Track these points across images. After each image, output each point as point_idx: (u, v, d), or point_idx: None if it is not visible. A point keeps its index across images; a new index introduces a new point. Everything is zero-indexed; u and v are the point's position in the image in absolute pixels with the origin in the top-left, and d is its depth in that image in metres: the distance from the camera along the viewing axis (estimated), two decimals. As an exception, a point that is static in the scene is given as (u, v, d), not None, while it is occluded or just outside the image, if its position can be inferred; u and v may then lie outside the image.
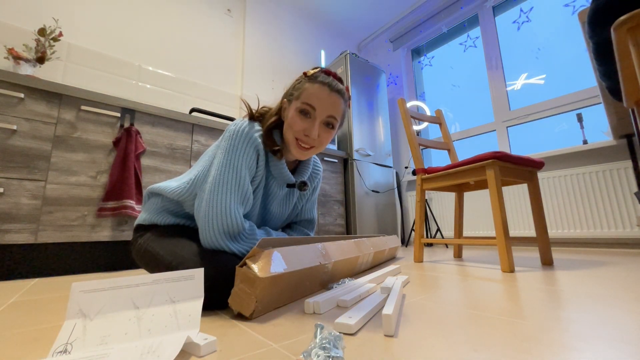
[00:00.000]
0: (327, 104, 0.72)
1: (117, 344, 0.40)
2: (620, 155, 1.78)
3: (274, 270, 0.59)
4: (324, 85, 0.72)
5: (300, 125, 0.72)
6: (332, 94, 0.72)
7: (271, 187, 0.81)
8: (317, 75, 0.74)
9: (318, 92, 0.72)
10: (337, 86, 0.74)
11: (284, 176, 0.79)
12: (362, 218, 2.45)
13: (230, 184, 0.67)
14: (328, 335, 0.38)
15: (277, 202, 0.84)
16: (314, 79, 0.73)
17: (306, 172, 0.86)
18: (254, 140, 0.72)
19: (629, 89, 0.68)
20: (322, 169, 0.97)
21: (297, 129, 0.72)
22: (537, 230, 1.27)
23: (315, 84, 0.72)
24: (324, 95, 0.72)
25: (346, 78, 2.67)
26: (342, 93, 0.75)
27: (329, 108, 0.73)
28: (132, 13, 2.13)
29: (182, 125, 1.68)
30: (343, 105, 0.76)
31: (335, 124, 0.76)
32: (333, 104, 0.73)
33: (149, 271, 0.78)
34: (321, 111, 0.72)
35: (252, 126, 0.74)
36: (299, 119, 0.72)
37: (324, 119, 0.73)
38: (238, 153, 0.70)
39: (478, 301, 0.66)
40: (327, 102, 0.72)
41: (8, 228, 1.18)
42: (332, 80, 0.73)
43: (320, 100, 0.72)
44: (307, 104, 0.72)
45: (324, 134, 0.75)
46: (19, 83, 1.26)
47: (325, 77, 0.74)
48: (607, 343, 0.41)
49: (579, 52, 2.10)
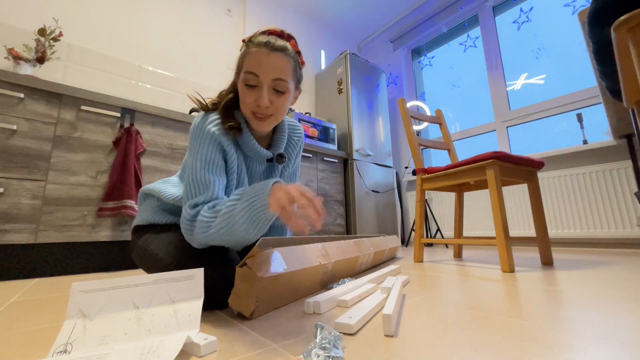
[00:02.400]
0: (268, 67, 0.64)
1: (117, 344, 0.40)
2: (620, 155, 1.78)
3: (274, 270, 0.59)
4: (261, 47, 0.64)
5: (250, 97, 0.66)
6: (271, 54, 0.64)
7: (252, 167, 0.78)
8: (254, 39, 0.66)
9: (257, 57, 0.65)
10: (277, 43, 0.65)
11: (258, 152, 0.75)
12: (362, 218, 2.45)
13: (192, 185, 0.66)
14: (328, 335, 0.38)
15: (261, 179, 0.81)
16: (251, 44, 0.66)
17: (282, 142, 0.81)
18: (208, 132, 0.67)
19: (629, 89, 0.68)
20: (303, 132, 0.88)
21: (247, 102, 0.67)
22: (537, 230, 1.27)
23: (253, 47, 0.65)
24: (262, 58, 0.64)
25: (346, 78, 2.67)
26: (284, 49, 0.66)
27: (272, 71, 0.65)
28: (132, 13, 2.13)
29: (182, 125, 1.68)
30: (290, 63, 0.67)
31: (284, 86, 0.67)
32: (276, 65, 0.65)
33: (149, 272, 0.77)
34: (265, 77, 0.65)
35: (205, 119, 0.70)
36: (246, 91, 0.67)
37: (270, 84, 0.66)
38: (195, 151, 0.67)
39: (478, 301, 0.66)
40: (267, 65, 0.64)
41: (8, 228, 1.18)
42: (270, 38, 0.65)
43: (260, 65, 0.64)
44: (249, 72, 0.65)
45: (277, 100, 0.68)
46: (19, 83, 1.26)
47: (263, 37, 0.66)
48: (607, 343, 0.41)
49: (579, 52, 2.10)
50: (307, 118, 2.43)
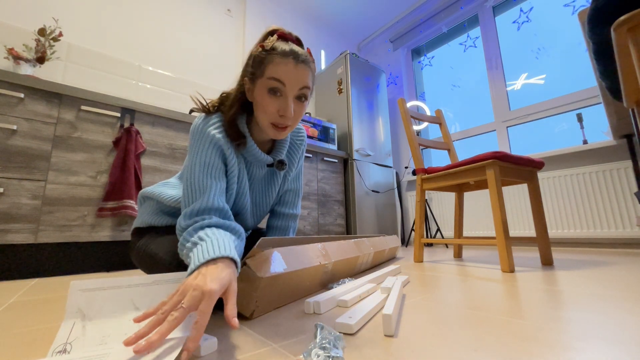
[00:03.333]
0: (296, 77, 0.65)
1: (117, 345, 0.40)
2: (620, 155, 1.78)
3: (274, 270, 0.59)
4: (288, 57, 0.64)
5: (274, 106, 0.66)
6: (299, 65, 0.65)
7: (253, 171, 0.78)
8: (277, 46, 0.66)
9: (284, 67, 0.64)
10: (302, 55, 0.66)
11: (258, 158, 0.75)
12: (362, 218, 2.45)
13: (190, 188, 0.65)
14: (328, 335, 0.38)
15: (262, 183, 0.82)
16: (274, 52, 0.65)
17: (284, 146, 0.80)
18: (209, 136, 0.67)
19: (629, 89, 0.68)
20: (305, 134, 0.88)
21: (271, 111, 0.66)
22: (537, 230, 1.27)
23: (277, 57, 0.65)
24: (290, 68, 0.64)
25: (346, 78, 2.68)
26: (308, 61, 0.67)
27: (299, 81, 0.66)
28: (132, 13, 2.13)
29: (182, 125, 1.68)
30: (311, 74, 0.69)
31: (307, 94, 0.69)
32: (302, 76, 0.66)
33: (149, 273, 0.77)
34: (292, 87, 0.65)
35: (206, 121, 0.69)
36: (270, 100, 0.66)
37: (296, 92, 0.66)
38: (195, 153, 0.67)
39: (478, 301, 0.66)
40: (295, 74, 0.65)
41: (8, 228, 1.18)
42: (293, 49, 0.65)
43: (287, 74, 0.64)
44: (275, 79, 0.64)
45: (298, 109, 0.69)
46: (19, 83, 1.26)
47: (285, 45, 0.65)
48: (607, 343, 0.41)
49: (579, 52, 2.10)
50: (307, 118, 2.43)
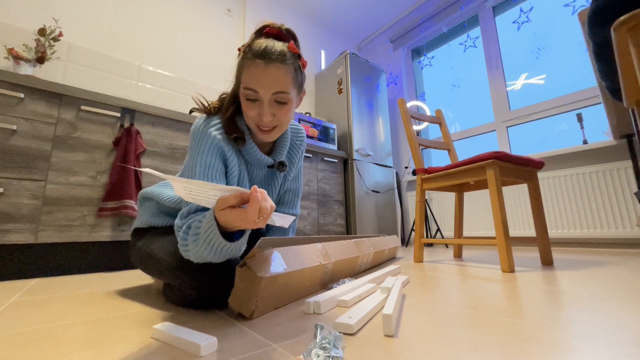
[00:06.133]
0: (267, 82, 0.62)
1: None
2: (620, 155, 1.78)
3: (274, 270, 0.59)
4: (258, 59, 0.61)
5: (252, 111, 0.65)
6: (268, 67, 0.61)
7: (253, 172, 0.78)
8: (250, 48, 0.63)
9: (254, 72, 0.62)
10: (274, 52, 0.61)
11: (258, 159, 0.75)
12: (362, 218, 2.45)
13: None
14: (328, 335, 0.38)
15: (262, 184, 0.82)
16: (247, 54, 0.63)
17: (284, 147, 0.80)
18: (209, 137, 0.67)
19: (629, 89, 0.68)
20: (305, 134, 0.87)
21: (251, 115, 0.66)
22: (537, 230, 1.27)
23: (249, 59, 0.62)
24: (258, 73, 0.61)
25: (346, 78, 2.67)
26: (282, 58, 0.62)
27: (271, 85, 0.62)
28: (132, 13, 2.13)
29: (182, 125, 1.68)
30: (289, 71, 0.64)
31: (286, 97, 0.65)
32: (274, 78, 0.62)
33: (149, 274, 0.77)
34: (264, 92, 0.62)
35: (207, 122, 0.69)
36: (248, 107, 0.65)
37: (270, 98, 0.63)
38: (195, 154, 0.67)
39: (478, 301, 0.66)
40: (265, 79, 0.61)
41: (8, 228, 1.18)
42: (265, 48, 0.61)
43: (258, 81, 0.61)
44: (248, 88, 0.63)
45: (280, 112, 0.66)
46: (19, 83, 1.26)
47: (258, 46, 0.62)
48: (607, 343, 0.41)
49: (579, 52, 2.10)
50: (307, 118, 2.43)
